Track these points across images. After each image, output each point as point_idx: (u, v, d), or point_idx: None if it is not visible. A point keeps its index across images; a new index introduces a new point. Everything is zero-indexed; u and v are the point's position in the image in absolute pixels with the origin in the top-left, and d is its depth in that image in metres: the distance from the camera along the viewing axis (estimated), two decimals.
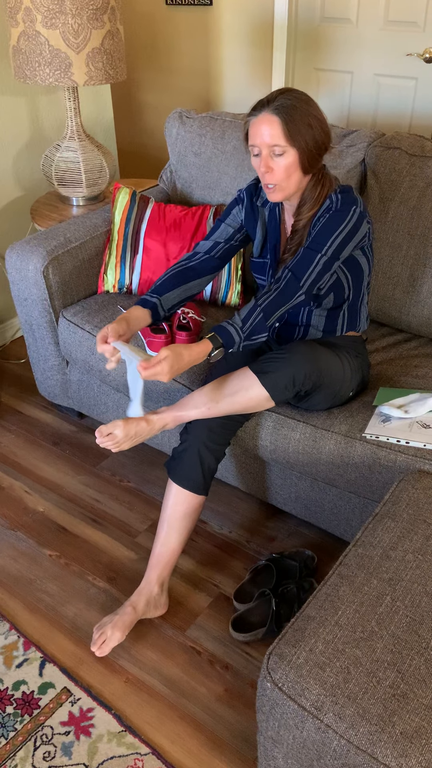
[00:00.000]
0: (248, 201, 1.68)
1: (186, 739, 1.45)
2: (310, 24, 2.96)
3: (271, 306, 1.48)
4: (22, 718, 1.50)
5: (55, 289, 2.04)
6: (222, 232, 1.70)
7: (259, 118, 1.42)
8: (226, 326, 1.48)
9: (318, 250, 1.49)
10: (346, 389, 1.64)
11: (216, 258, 1.69)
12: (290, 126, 1.40)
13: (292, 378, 1.51)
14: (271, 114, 1.41)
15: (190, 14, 3.20)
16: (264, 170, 1.46)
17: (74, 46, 2.05)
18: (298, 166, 1.45)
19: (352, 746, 1.00)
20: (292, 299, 1.50)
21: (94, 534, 1.95)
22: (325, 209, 1.52)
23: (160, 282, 1.65)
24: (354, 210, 1.49)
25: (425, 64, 2.77)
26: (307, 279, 1.49)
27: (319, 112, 1.45)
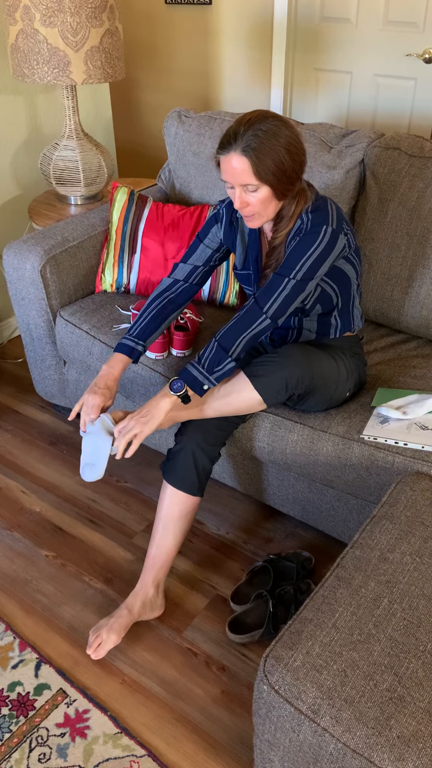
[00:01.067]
0: (227, 216, 1.65)
1: (182, 741, 1.45)
2: (310, 24, 2.95)
3: (230, 333, 1.49)
4: (18, 720, 1.49)
5: (52, 288, 2.04)
6: (200, 254, 1.69)
7: (228, 156, 1.38)
8: (187, 367, 1.51)
9: (286, 275, 1.48)
10: (341, 391, 1.63)
11: (195, 284, 1.70)
12: (259, 166, 1.36)
13: (285, 382, 1.50)
14: (239, 155, 1.36)
15: (189, 13, 3.20)
16: (240, 205, 1.44)
17: (73, 45, 2.04)
18: (273, 197, 1.43)
19: (349, 750, 1.00)
20: (253, 326, 1.49)
21: (91, 534, 1.94)
22: (296, 231, 1.49)
23: (144, 324, 1.66)
24: (325, 230, 1.46)
25: (425, 64, 2.77)
26: (271, 305, 1.49)
27: (291, 140, 1.38)
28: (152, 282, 2.09)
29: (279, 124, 1.37)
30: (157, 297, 1.69)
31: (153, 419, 1.50)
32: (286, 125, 1.38)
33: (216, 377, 1.51)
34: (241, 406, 1.53)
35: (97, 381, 1.61)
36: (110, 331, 1.97)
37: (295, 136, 1.40)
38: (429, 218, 1.85)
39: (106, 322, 2.00)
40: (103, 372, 1.62)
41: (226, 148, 1.38)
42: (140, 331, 1.66)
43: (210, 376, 1.50)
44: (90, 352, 1.98)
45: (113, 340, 1.94)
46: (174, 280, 1.70)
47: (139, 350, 1.65)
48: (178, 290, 1.69)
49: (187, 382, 1.50)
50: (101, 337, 1.96)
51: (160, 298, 1.69)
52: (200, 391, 1.51)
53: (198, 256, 1.69)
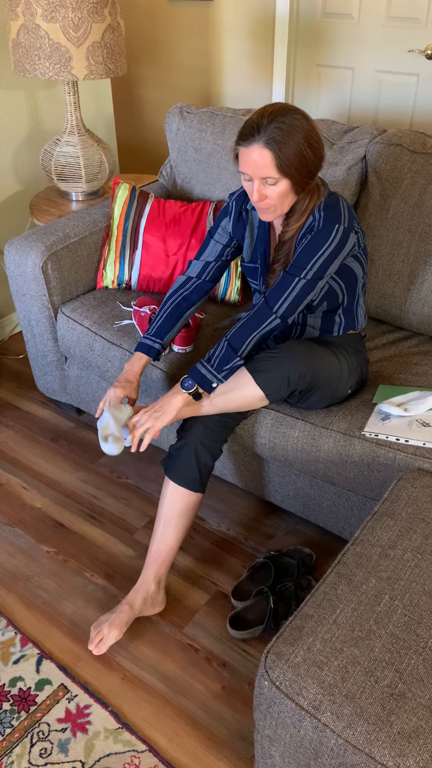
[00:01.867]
0: (236, 209, 1.66)
1: (183, 736, 1.45)
2: (312, 19, 2.94)
3: (241, 333, 1.52)
4: (19, 715, 1.49)
5: (53, 284, 2.03)
6: (212, 250, 1.70)
7: (249, 148, 1.38)
8: (197, 365, 1.54)
9: (296, 275, 1.49)
10: (343, 387, 1.63)
11: (208, 281, 1.72)
12: (282, 159, 1.37)
13: (287, 377, 1.50)
14: (262, 147, 1.36)
15: (191, 9, 3.19)
16: (257, 198, 1.44)
17: (74, 40, 2.03)
18: (291, 190, 1.44)
19: (350, 745, 1.00)
20: (263, 324, 1.52)
21: (92, 531, 1.95)
22: (307, 228, 1.49)
23: (160, 322, 1.70)
24: (337, 229, 1.46)
25: (427, 60, 2.75)
26: (281, 305, 1.51)
27: (312, 134, 1.39)
28: (153, 278, 2.09)
29: (300, 117, 1.38)
30: (172, 294, 1.72)
31: (165, 415, 1.53)
32: (306, 118, 1.39)
33: (224, 375, 1.53)
34: (243, 401, 1.53)
35: (119, 377, 1.67)
36: (111, 328, 1.97)
37: (315, 130, 1.41)
38: (431, 215, 1.84)
39: (107, 318, 2.00)
40: (125, 369, 1.68)
41: (248, 140, 1.38)
42: (157, 330, 1.70)
43: (218, 374, 1.52)
44: (91, 348, 1.98)
45: (114, 336, 1.94)
46: (188, 278, 1.72)
47: (157, 348, 1.69)
48: (192, 287, 1.71)
49: (196, 381, 1.53)
50: (102, 334, 1.96)
51: (175, 296, 1.71)
52: (209, 389, 1.53)
53: (209, 252, 1.70)
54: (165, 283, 2.09)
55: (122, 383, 1.64)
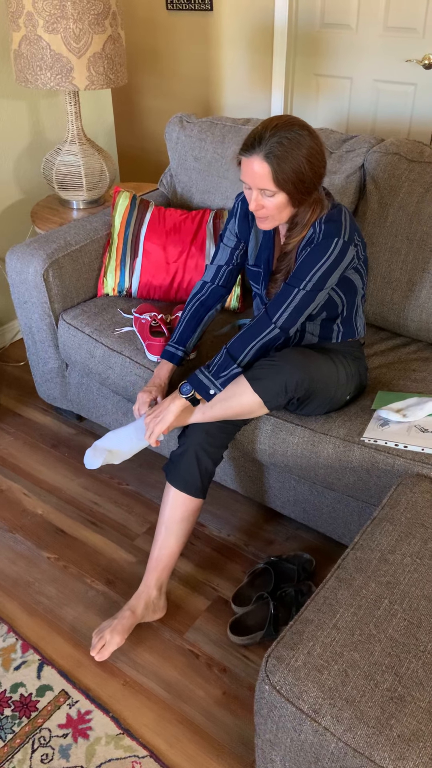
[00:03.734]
0: (241, 209, 1.69)
1: (184, 742, 1.45)
2: (310, 30, 2.97)
3: (240, 342, 1.55)
4: (20, 721, 1.50)
5: (55, 292, 2.05)
6: (222, 254, 1.75)
7: (249, 159, 1.40)
8: (195, 372, 1.58)
9: (296, 286, 1.51)
10: (342, 394, 1.65)
11: (221, 286, 1.78)
12: (279, 174, 1.39)
13: (284, 385, 1.52)
14: (261, 159, 1.38)
15: (190, 19, 3.22)
16: (255, 207, 1.47)
17: (75, 51, 2.06)
18: (288, 203, 1.46)
19: (350, 749, 1.01)
20: (262, 334, 1.55)
21: (93, 537, 1.95)
22: (307, 240, 1.51)
23: (181, 329, 1.76)
24: (336, 242, 1.48)
25: (424, 70, 2.78)
26: (280, 315, 1.53)
27: (314, 152, 1.41)
28: (154, 286, 2.10)
29: (304, 133, 1.39)
30: (191, 300, 1.78)
31: (163, 421, 1.59)
32: (310, 135, 1.41)
33: (221, 382, 1.56)
34: (242, 409, 1.54)
35: (149, 381, 1.75)
36: (112, 335, 1.98)
37: (318, 147, 1.42)
38: (429, 222, 1.86)
39: (108, 325, 2.01)
40: (154, 374, 1.77)
41: (249, 151, 1.41)
42: (179, 337, 1.76)
43: (216, 380, 1.55)
44: (92, 355, 1.99)
45: (115, 343, 1.95)
46: (203, 282, 1.78)
47: (180, 354, 1.75)
48: (207, 292, 1.77)
49: (194, 387, 1.56)
50: (103, 340, 1.97)
51: (193, 301, 1.77)
52: (207, 396, 1.56)
53: (220, 256, 1.75)
54: (165, 291, 2.10)
55: (150, 387, 1.72)
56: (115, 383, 1.97)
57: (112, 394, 2.08)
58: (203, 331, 1.80)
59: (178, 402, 1.58)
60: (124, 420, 2.11)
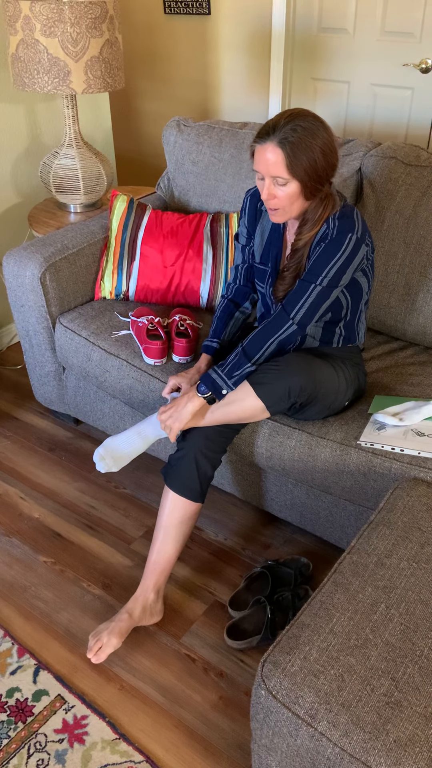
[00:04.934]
0: (251, 205, 1.71)
1: (180, 747, 1.45)
2: (308, 34, 2.98)
3: (257, 340, 1.55)
4: (16, 726, 1.49)
5: (52, 295, 2.05)
6: (238, 253, 1.79)
7: (263, 146, 1.43)
8: (209, 371, 1.59)
9: (312, 281, 1.52)
10: (341, 400, 1.65)
11: (243, 285, 1.81)
12: (293, 161, 1.40)
13: (288, 390, 1.52)
14: (275, 146, 1.40)
15: (188, 23, 3.23)
16: (267, 197, 1.48)
17: (73, 55, 2.06)
18: (300, 194, 1.47)
19: (346, 754, 1.00)
20: (280, 331, 1.55)
21: (90, 540, 1.95)
22: (321, 236, 1.52)
23: (215, 323, 1.80)
24: (350, 238, 1.49)
25: (421, 74, 2.79)
26: (298, 311, 1.54)
27: (326, 141, 1.42)
28: (151, 289, 2.10)
29: (318, 124, 1.42)
30: (221, 299, 1.83)
31: (179, 420, 1.59)
32: (324, 127, 1.43)
33: (233, 381, 1.56)
34: (244, 413, 1.54)
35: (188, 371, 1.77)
36: (109, 338, 1.98)
37: (331, 139, 1.44)
38: (425, 226, 1.86)
39: (105, 328, 2.01)
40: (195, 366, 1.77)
41: (264, 138, 1.42)
42: (212, 332, 1.80)
43: (228, 380, 1.56)
44: (89, 358, 1.99)
45: (112, 346, 1.95)
46: (228, 284, 1.83)
47: (214, 345, 1.77)
48: (233, 291, 1.82)
49: (207, 386, 1.57)
50: (100, 344, 1.97)
51: (222, 299, 1.82)
52: (219, 395, 1.57)
53: (237, 256, 1.79)
54: (162, 294, 2.10)
55: (183, 373, 1.74)
56: (112, 386, 1.96)
57: (109, 397, 2.08)
58: (240, 328, 1.82)
59: (196, 401, 1.57)
60: (121, 423, 2.11)
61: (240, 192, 2.18)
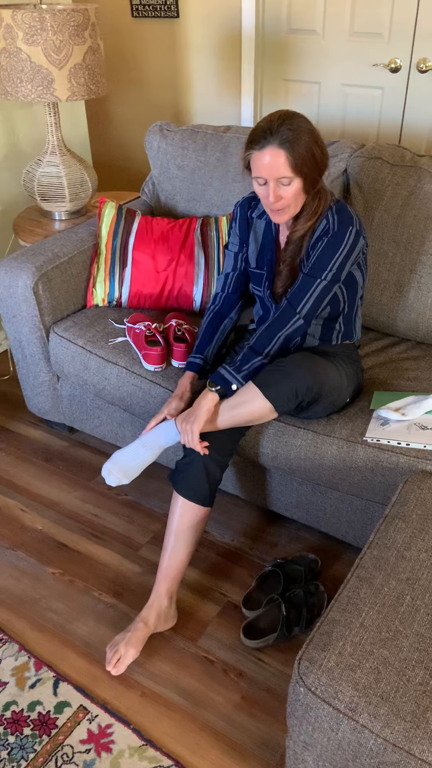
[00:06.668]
0: (242, 214, 1.74)
1: (207, 748, 1.47)
2: (277, 36, 3.01)
3: (265, 336, 1.60)
4: (41, 739, 1.49)
5: (45, 305, 2.03)
6: (228, 261, 1.81)
7: (262, 152, 1.46)
8: (219, 369, 1.62)
9: (317, 276, 1.57)
10: (343, 397, 1.68)
11: (231, 293, 1.82)
12: (295, 158, 1.45)
13: (294, 390, 1.54)
14: (276, 148, 1.44)
15: (156, 26, 3.22)
16: (273, 200, 1.51)
17: (56, 63, 2.05)
18: (302, 189, 1.52)
19: (389, 744, 1.03)
20: (287, 325, 1.59)
21: (96, 549, 1.95)
22: (323, 231, 1.57)
23: (199, 339, 1.80)
24: (350, 231, 1.55)
25: (391, 74, 2.84)
26: (303, 305, 1.59)
27: (317, 135, 1.49)
28: (144, 295, 2.10)
29: (305, 120, 1.48)
30: (207, 312, 1.82)
31: (198, 419, 1.59)
32: (308, 121, 1.49)
33: (243, 375, 1.59)
34: (252, 415, 1.56)
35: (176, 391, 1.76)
36: (106, 345, 1.97)
37: (318, 131, 1.51)
38: (414, 225, 1.91)
39: (101, 336, 2.01)
40: (179, 384, 1.77)
41: (261, 144, 1.45)
42: (197, 347, 1.80)
43: (238, 375, 1.59)
44: (86, 366, 1.99)
45: (110, 353, 1.95)
46: (216, 293, 1.83)
47: (198, 362, 1.77)
48: (221, 301, 1.82)
49: (217, 383, 1.59)
50: (97, 352, 1.97)
51: (209, 312, 1.82)
52: (230, 391, 1.59)
53: (227, 264, 1.80)
54: (156, 300, 2.11)
55: (179, 395, 1.73)
56: (112, 394, 1.96)
57: (107, 404, 2.08)
58: (224, 341, 1.82)
59: (210, 396, 1.59)
60: (119, 430, 2.11)
61: (228, 195, 2.20)
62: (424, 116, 2.85)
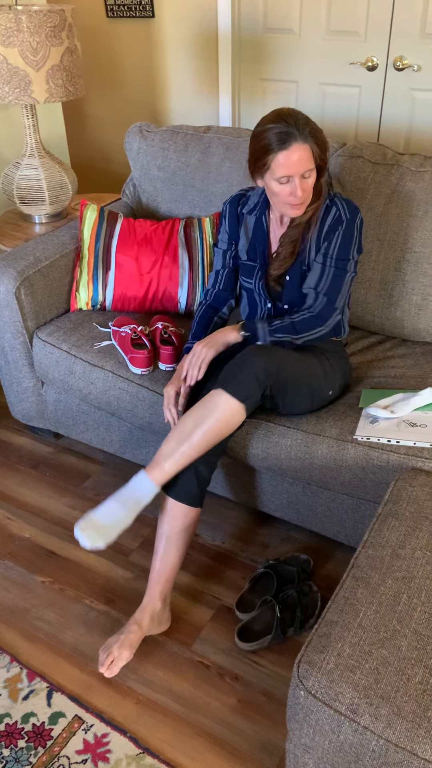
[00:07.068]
0: (231, 211, 1.77)
1: (205, 754, 1.45)
2: (254, 35, 3.01)
3: (304, 325, 1.66)
4: (36, 751, 1.46)
5: (27, 309, 2.01)
6: (218, 258, 1.83)
7: (290, 150, 1.49)
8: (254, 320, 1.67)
9: (346, 269, 1.66)
10: (324, 387, 1.68)
11: (223, 290, 1.84)
12: (318, 150, 1.52)
13: (254, 375, 1.53)
14: (302, 143, 1.49)
15: (132, 26, 3.20)
16: (301, 194, 1.54)
17: (33, 64, 2.02)
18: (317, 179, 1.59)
19: (391, 744, 1.03)
20: (329, 320, 1.68)
21: (86, 556, 1.92)
22: (335, 219, 1.63)
23: (195, 327, 1.82)
24: (359, 217, 1.64)
25: (368, 72, 2.86)
26: (340, 300, 1.67)
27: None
28: (128, 297, 2.09)
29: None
30: (200, 307, 1.85)
31: (214, 344, 1.65)
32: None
33: (271, 339, 1.63)
34: (222, 420, 1.54)
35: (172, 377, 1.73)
36: (91, 350, 1.95)
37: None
38: (397, 223, 1.92)
39: (86, 340, 1.99)
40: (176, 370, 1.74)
41: (288, 142, 1.49)
42: (193, 335, 1.81)
43: (269, 335, 1.63)
44: (72, 371, 1.96)
45: (95, 358, 1.93)
46: (206, 290, 1.85)
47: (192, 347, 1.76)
48: (212, 297, 1.84)
49: (248, 330, 1.64)
50: (83, 356, 1.95)
51: (201, 306, 1.84)
52: (255, 339, 1.65)
53: (217, 261, 1.83)
54: (140, 302, 2.09)
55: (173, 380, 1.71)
56: (98, 399, 1.94)
57: (93, 409, 2.06)
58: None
59: (234, 335, 1.65)
60: (106, 435, 2.08)
61: (210, 195, 2.19)
62: (401, 114, 2.86)
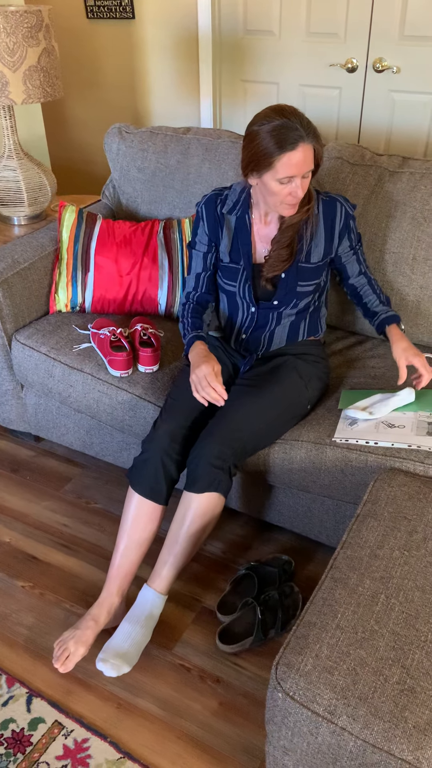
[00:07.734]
0: (209, 212, 1.72)
1: (186, 758, 1.45)
2: (234, 36, 3.01)
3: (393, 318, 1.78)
4: (15, 758, 1.45)
5: (6, 312, 1.99)
6: (197, 261, 1.78)
7: (296, 150, 1.47)
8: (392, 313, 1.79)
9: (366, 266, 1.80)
10: (299, 404, 1.69)
11: (205, 292, 1.81)
12: (320, 149, 1.53)
13: (210, 466, 1.54)
14: (307, 143, 1.48)
15: (112, 28, 3.19)
16: (301, 193, 1.54)
17: (10, 65, 2.01)
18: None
19: (368, 745, 1.03)
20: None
21: (67, 560, 1.91)
22: (344, 214, 1.67)
23: (190, 322, 1.76)
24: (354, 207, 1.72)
25: (348, 74, 2.87)
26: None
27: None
28: (107, 299, 2.08)
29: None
30: (185, 305, 1.80)
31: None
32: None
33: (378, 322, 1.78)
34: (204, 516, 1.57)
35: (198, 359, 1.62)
36: (71, 352, 1.94)
37: None
38: (375, 224, 1.92)
39: (65, 343, 1.97)
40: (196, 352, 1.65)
41: (296, 142, 1.47)
42: (192, 326, 1.75)
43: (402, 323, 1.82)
44: (51, 374, 1.95)
45: (75, 360, 1.92)
46: (186, 293, 1.81)
47: (203, 336, 1.73)
48: (195, 299, 1.80)
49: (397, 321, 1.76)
50: (62, 359, 1.93)
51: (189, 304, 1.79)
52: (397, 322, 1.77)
53: (196, 264, 1.78)
54: (120, 304, 2.08)
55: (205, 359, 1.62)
56: (78, 401, 1.93)
57: (74, 412, 2.05)
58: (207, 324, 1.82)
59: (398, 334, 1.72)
60: (86, 438, 2.07)
61: (189, 197, 2.19)
62: (381, 115, 2.88)
